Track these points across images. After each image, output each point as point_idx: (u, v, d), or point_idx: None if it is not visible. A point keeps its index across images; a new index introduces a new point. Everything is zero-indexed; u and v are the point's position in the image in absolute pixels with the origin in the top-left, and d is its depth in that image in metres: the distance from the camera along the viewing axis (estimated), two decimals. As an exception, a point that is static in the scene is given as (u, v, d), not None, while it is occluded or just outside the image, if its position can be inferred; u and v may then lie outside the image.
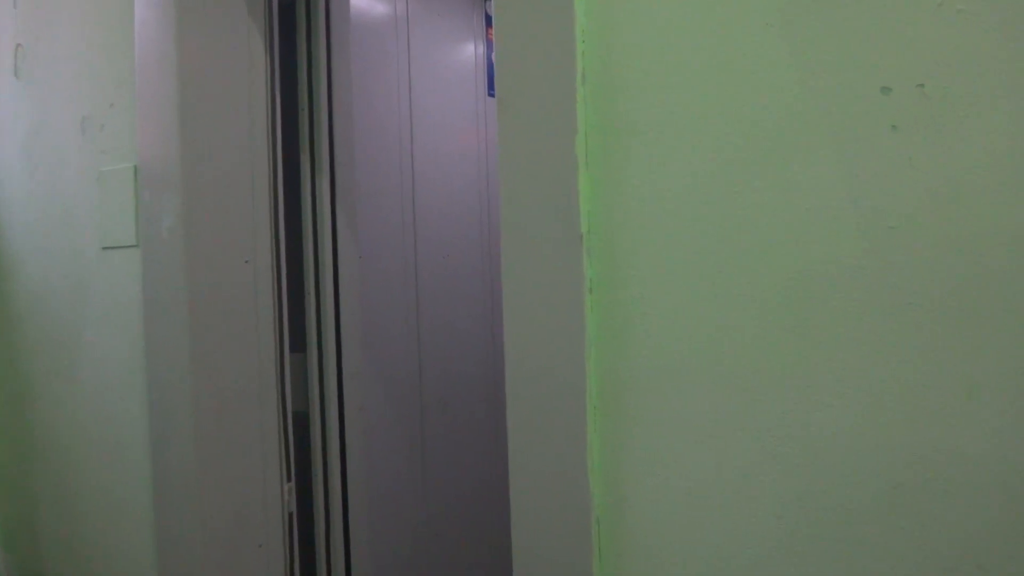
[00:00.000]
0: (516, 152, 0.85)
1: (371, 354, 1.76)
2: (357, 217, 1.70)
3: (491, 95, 2.11)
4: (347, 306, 1.67)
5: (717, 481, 0.76)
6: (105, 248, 1.53)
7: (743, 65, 0.73)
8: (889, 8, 0.65)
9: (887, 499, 0.67)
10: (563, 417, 0.83)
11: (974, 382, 0.63)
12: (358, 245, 1.70)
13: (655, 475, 0.80)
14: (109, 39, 1.52)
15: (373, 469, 1.76)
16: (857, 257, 0.67)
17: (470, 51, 2.10)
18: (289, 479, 1.49)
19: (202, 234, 1.34)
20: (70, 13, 1.63)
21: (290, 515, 1.49)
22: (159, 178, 1.35)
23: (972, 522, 0.64)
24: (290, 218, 1.59)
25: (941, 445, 0.65)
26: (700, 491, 0.77)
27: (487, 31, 2.13)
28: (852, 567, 0.69)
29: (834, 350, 0.69)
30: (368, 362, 1.75)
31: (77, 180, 1.61)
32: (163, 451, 1.40)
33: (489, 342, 2.11)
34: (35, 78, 1.76)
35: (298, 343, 1.65)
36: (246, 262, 1.40)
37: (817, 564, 0.71)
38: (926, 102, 0.64)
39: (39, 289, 1.78)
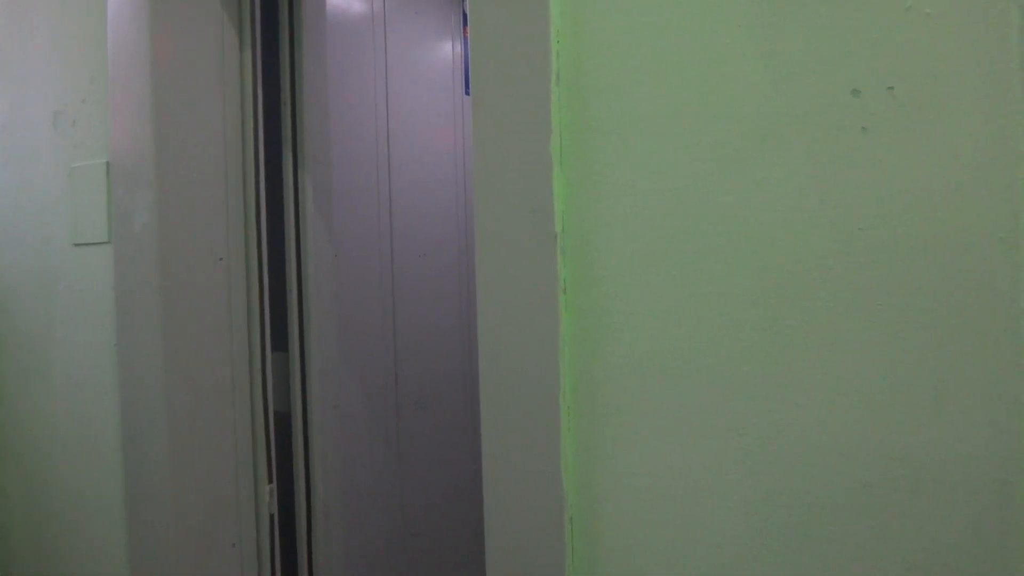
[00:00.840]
0: (490, 152, 0.85)
1: (346, 352, 1.76)
2: (332, 215, 1.69)
3: (468, 94, 2.11)
4: (318, 305, 1.66)
5: (689, 480, 0.76)
6: (76, 244, 1.52)
7: (715, 66, 0.73)
8: (859, 11, 0.66)
9: (855, 498, 0.68)
10: (537, 417, 0.83)
11: (942, 383, 0.64)
12: (332, 243, 1.69)
13: (628, 474, 0.80)
14: (81, 33, 1.50)
15: (348, 467, 1.75)
16: (827, 258, 0.68)
17: (448, 50, 2.09)
18: (271, 480, 1.48)
19: (175, 231, 1.32)
20: (43, 7, 1.61)
21: (271, 516, 1.49)
22: (131, 174, 1.34)
23: (939, 522, 0.64)
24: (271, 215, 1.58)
25: (909, 445, 0.65)
26: (672, 490, 0.77)
27: (464, 30, 2.13)
28: (821, 565, 0.70)
29: (804, 350, 0.70)
30: (343, 361, 1.74)
31: (49, 176, 1.59)
32: (135, 450, 1.38)
33: (466, 341, 2.11)
34: (7, 72, 1.73)
35: (280, 342, 1.64)
36: (220, 259, 1.39)
37: (786, 562, 0.71)
38: (895, 104, 0.65)
39: (9, 285, 1.76)
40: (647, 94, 0.77)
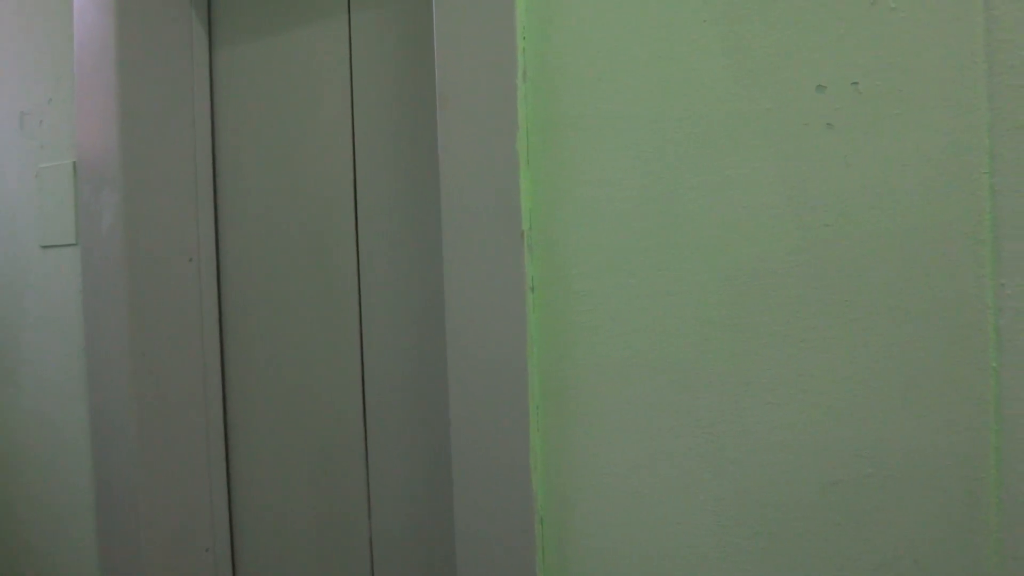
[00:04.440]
0: (457, 149, 0.84)
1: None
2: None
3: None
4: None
5: (659, 479, 0.76)
6: (44, 247, 1.49)
7: (681, 62, 0.73)
8: (823, 6, 0.66)
9: (824, 496, 0.67)
10: (506, 417, 0.83)
11: (909, 380, 0.64)
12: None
13: (598, 474, 0.79)
14: (47, 31, 1.48)
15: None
16: (793, 254, 0.68)
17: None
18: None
19: (143, 232, 1.31)
20: (7, 5, 1.58)
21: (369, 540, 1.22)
22: (98, 175, 1.32)
23: (908, 518, 0.64)
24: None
25: (877, 443, 0.65)
26: (643, 489, 0.77)
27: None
28: (790, 563, 0.69)
29: (772, 347, 0.69)
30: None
31: (16, 177, 1.57)
32: (105, 455, 1.37)
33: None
34: (-28, 71, 1.71)
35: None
36: (190, 260, 1.37)
37: (756, 560, 0.71)
38: (860, 100, 0.64)
39: (-23, 289, 1.73)
40: (614, 90, 0.76)
